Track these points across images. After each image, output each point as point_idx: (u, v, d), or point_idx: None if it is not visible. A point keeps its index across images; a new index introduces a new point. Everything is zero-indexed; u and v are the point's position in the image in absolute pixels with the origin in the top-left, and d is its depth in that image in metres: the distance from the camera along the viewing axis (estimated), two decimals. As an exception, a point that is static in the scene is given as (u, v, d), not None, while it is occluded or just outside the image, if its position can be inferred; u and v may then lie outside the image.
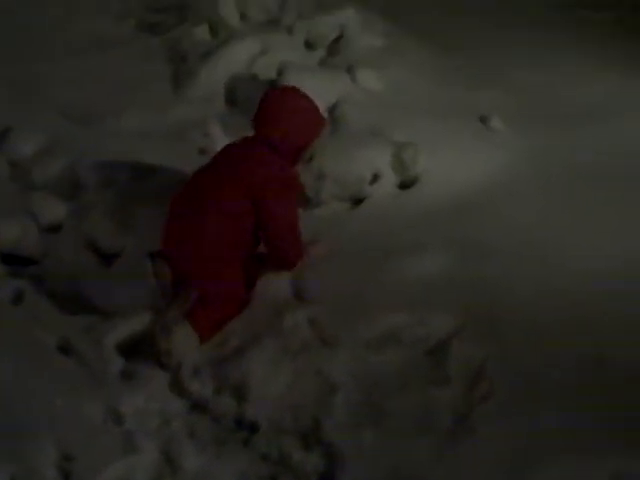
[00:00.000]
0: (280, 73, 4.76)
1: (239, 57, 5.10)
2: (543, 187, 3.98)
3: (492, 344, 2.93)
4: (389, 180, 4.03)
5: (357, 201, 3.99)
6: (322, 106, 4.55)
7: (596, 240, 3.51)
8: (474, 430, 2.63)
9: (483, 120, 4.50)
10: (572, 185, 3.99)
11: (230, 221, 3.27)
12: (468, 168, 4.09)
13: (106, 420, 2.89)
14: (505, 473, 2.48)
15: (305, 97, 3.53)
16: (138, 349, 3.21)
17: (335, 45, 5.31)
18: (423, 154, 4.05)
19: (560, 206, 3.81)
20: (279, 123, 3.40)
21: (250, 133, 3.58)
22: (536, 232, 3.60)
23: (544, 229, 3.63)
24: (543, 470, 2.45)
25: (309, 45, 5.37)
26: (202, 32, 5.71)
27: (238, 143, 3.54)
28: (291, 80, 4.65)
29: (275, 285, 3.30)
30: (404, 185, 4.06)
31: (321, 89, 4.63)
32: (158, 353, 3.13)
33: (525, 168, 4.13)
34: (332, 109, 4.53)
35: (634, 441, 2.50)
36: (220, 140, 4.49)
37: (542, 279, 3.30)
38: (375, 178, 4.02)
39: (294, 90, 3.57)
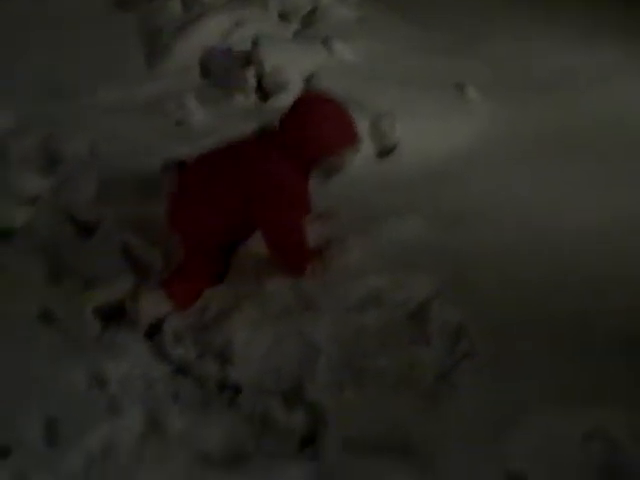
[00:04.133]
0: (255, 45, 4.76)
1: (213, 30, 5.10)
2: (519, 154, 4.03)
3: (471, 305, 2.97)
4: (367, 149, 4.04)
5: (335, 170, 4.00)
6: (299, 78, 4.61)
7: (571, 203, 3.57)
8: (455, 387, 2.68)
9: (459, 89, 4.53)
10: (546, 152, 4.05)
11: (222, 216, 3.19)
12: (445, 136, 4.13)
13: (90, 386, 2.89)
14: (485, 429, 2.52)
15: (340, 109, 3.16)
16: (120, 316, 3.22)
17: (310, 17, 5.33)
18: (400, 123, 4.08)
19: (535, 173, 3.86)
20: (300, 126, 3.08)
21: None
22: (512, 198, 3.66)
23: (520, 195, 3.68)
24: (522, 425, 2.50)
25: (283, 17, 5.39)
26: (175, 6, 5.70)
27: (253, 139, 3.25)
28: (266, 52, 4.67)
29: (255, 250, 3.30)
30: (382, 153, 4.08)
31: (297, 61, 4.67)
32: (127, 311, 3.18)
33: (501, 136, 4.18)
34: (308, 80, 4.55)
35: (609, 399, 2.55)
36: (196, 112, 4.50)
37: (518, 243, 3.35)
38: (353, 147, 4.03)
39: (330, 99, 3.20)
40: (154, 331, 3.16)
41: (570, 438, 2.45)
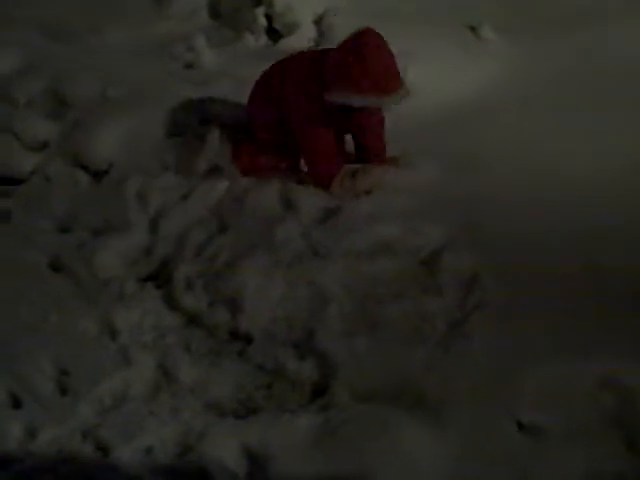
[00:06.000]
0: (265, -16, 4.65)
1: (222, -32, 4.97)
2: (533, 98, 3.95)
3: (485, 255, 2.93)
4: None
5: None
6: (310, 17, 4.51)
7: (589, 148, 3.50)
8: (467, 337, 2.65)
9: (474, 29, 4.43)
10: (564, 94, 3.96)
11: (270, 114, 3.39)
12: (459, 78, 4.05)
13: (101, 335, 2.90)
14: (496, 379, 2.50)
15: (389, 59, 3.12)
16: (131, 265, 3.20)
17: (321, -46, 5.17)
18: (413, 65, 3.98)
19: (553, 115, 3.78)
20: (343, 53, 3.09)
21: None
22: (529, 142, 3.59)
23: (537, 139, 3.61)
24: (533, 375, 2.48)
25: (294, -45, 5.23)
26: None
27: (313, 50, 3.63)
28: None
29: (265, 198, 3.27)
30: (394, 96, 3.99)
31: (308, 0, 4.56)
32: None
33: (517, 78, 4.10)
34: (319, 19, 4.45)
35: (621, 347, 2.53)
36: (205, 54, 4.42)
37: (535, 190, 3.28)
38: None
39: (386, 46, 3.14)
40: (165, 280, 3.15)
41: (582, 388, 2.43)
